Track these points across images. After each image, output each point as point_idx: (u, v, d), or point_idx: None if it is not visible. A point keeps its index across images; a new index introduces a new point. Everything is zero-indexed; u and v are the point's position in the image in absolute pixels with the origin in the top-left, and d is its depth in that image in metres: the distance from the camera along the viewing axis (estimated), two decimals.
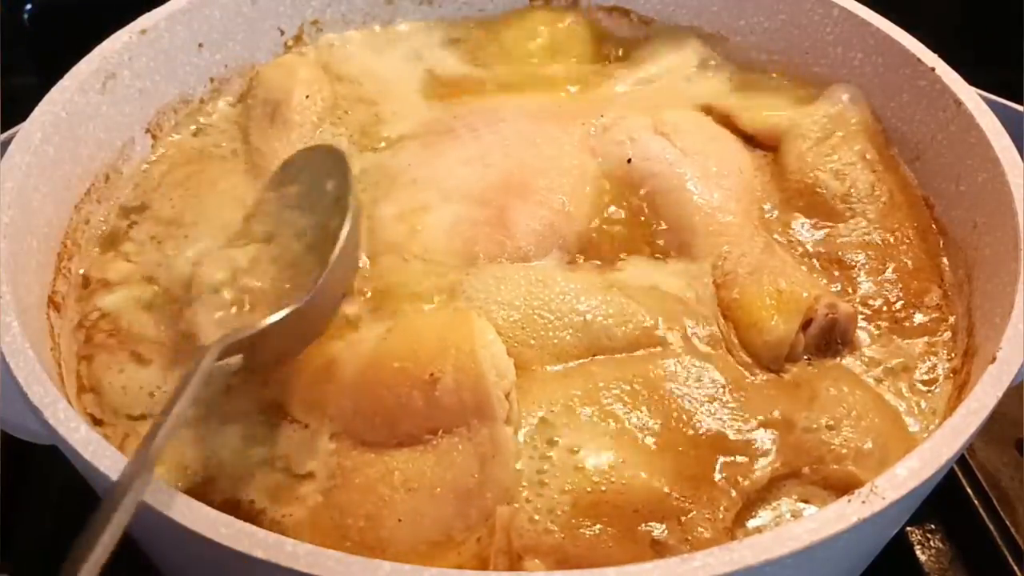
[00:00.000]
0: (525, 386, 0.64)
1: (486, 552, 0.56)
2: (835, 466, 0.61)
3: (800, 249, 0.76)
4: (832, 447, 0.62)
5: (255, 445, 0.63)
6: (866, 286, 0.74)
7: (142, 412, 0.66)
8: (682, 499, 0.59)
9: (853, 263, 0.75)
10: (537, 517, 0.58)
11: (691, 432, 0.63)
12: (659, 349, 0.68)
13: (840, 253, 0.76)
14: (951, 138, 0.76)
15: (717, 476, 0.61)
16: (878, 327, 0.72)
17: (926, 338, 0.71)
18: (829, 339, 0.69)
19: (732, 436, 0.63)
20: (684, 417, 0.64)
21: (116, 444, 0.62)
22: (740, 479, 0.61)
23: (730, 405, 0.65)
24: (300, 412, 0.64)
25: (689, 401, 0.65)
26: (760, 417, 0.64)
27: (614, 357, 0.67)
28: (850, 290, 0.74)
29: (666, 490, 0.59)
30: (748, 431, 0.64)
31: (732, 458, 0.62)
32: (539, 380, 0.66)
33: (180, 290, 0.72)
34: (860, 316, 0.71)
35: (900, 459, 0.53)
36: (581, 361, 0.67)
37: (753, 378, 0.67)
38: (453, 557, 0.57)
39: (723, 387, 0.66)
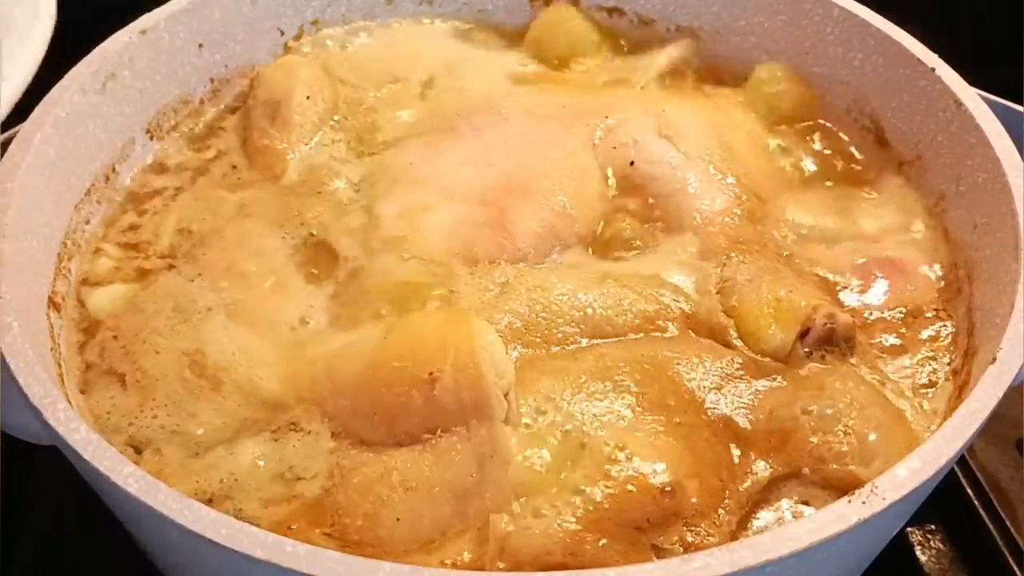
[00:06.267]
0: (530, 376, 0.64)
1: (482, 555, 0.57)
2: (835, 466, 0.61)
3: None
4: (833, 445, 0.62)
5: (267, 462, 0.63)
6: (867, 287, 0.74)
7: None
8: (690, 505, 0.59)
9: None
10: (536, 529, 0.57)
11: (699, 423, 0.63)
12: (661, 335, 0.68)
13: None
14: (951, 138, 0.76)
15: (724, 474, 0.61)
16: (879, 328, 0.72)
17: (927, 339, 0.71)
18: (829, 346, 0.69)
19: (737, 430, 0.63)
20: (691, 407, 0.64)
21: None
22: (744, 480, 0.61)
23: (733, 395, 0.65)
24: (301, 413, 0.64)
25: (695, 388, 0.65)
26: (764, 408, 0.64)
27: (621, 340, 0.68)
28: (850, 291, 0.74)
29: (673, 491, 0.59)
30: (753, 423, 0.64)
31: (737, 454, 0.62)
32: (541, 364, 0.66)
33: None
34: (860, 315, 0.71)
35: (901, 459, 0.53)
36: (589, 344, 0.68)
37: (758, 368, 0.67)
38: (451, 552, 0.57)
39: (727, 376, 0.66)
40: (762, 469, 0.62)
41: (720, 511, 0.60)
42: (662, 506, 0.58)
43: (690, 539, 0.58)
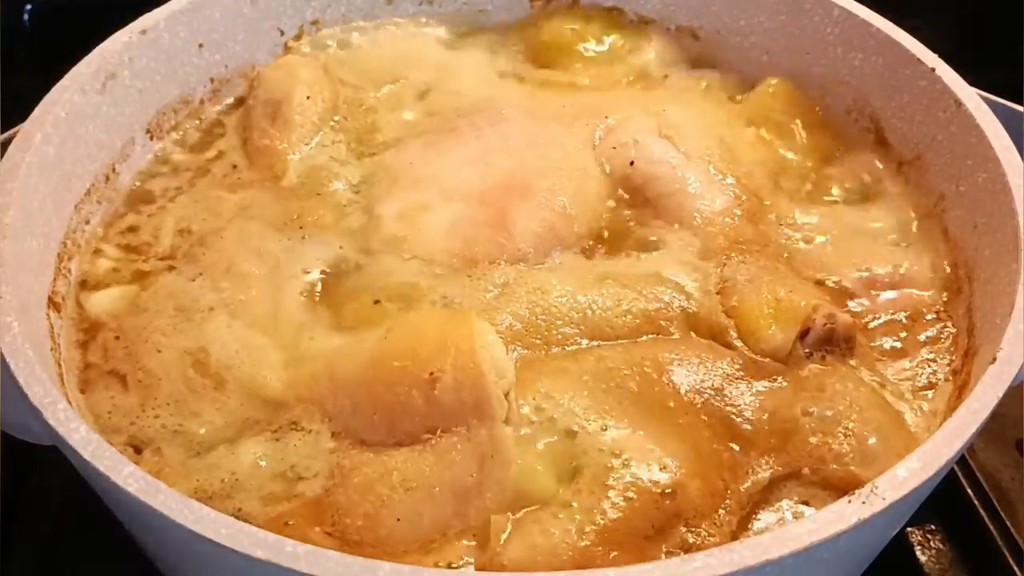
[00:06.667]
0: (530, 377, 0.64)
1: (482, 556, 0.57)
2: (835, 466, 0.61)
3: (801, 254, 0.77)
4: (832, 446, 0.62)
5: (268, 461, 0.63)
6: (866, 288, 0.74)
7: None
8: (692, 506, 0.59)
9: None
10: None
11: (699, 424, 0.63)
12: (662, 335, 0.69)
13: None
14: (951, 138, 0.76)
15: (725, 475, 0.61)
16: (879, 328, 0.72)
17: (927, 339, 0.71)
18: (829, 346, 0.69)
19: (737, 430, 0.63)
20: (691, 408, 0.64)
21: None
22: (745, 480, 0.61)
23: (734, 395, 0.65)
24: (301, 413, 0.64)
25: (696, 388, 0.65)
26: (764, 409, 0.64)
27: (621, 341, 0.68)
28: (850, 292, 0.74)
29: (674, 495, 0.59)
30: (753, 424, 0.63)
31: (738, 455, 0.62)
32: (541, 364, 0.66)
33: None
34: (860, 316, 0.71)
35: (901, 459, 0.53)
36: (589, 345, 0.68)
37: (758, 369, 0.67)
38: (451, 552, 0.57)
39: (727, 377, 0.66)
40: (763, 469, 0.62)
41: (721, 511, 0.60)
42: (663, 509, 0.58)
43: (691, 539, 0.58)
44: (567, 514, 0.58)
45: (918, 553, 0.81)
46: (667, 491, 0.59)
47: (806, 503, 0.61)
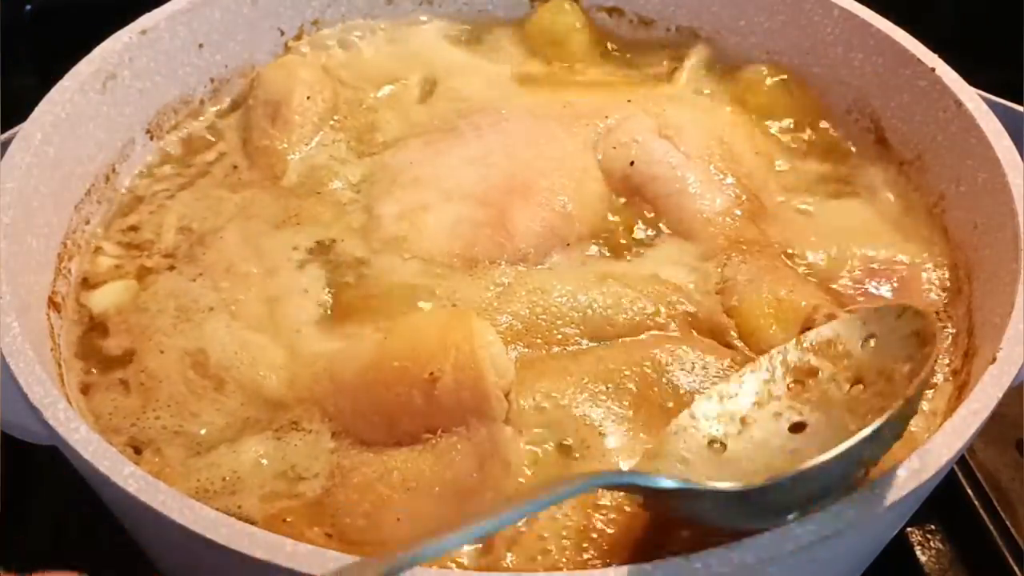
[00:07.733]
0: (530, 377, 0.64)
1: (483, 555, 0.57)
2: None
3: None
4: None
5: (269, 460, 0.63)
6: (867, 289, 0.74)
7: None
8: None
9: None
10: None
11: None
12: (662, 334, 0.68)
13: None
14: (951, 138, 0.76)
15: None
16: None
17: None
18: None
19: None
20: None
21: None
22: None
23: None
24: (301, 413, 0.64)
25: (696, 389, 0.64)
26: None
27: (621, 340, 0.68)
28: (850, 292, 0.74)
29: None
30: None
31: None
32: (541, 364, 0.66)
33: None
34: None
35: (901, 459, 0.53)
36: (589, 345, 0.68)
37: None
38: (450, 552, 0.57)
39: (728, 376, 0.65)
40: None
41: None
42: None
43: (691, 540, 0.58)
44: (567, 514, 0.58)
45: (918, 553, 0.81)
46: None
47: None
